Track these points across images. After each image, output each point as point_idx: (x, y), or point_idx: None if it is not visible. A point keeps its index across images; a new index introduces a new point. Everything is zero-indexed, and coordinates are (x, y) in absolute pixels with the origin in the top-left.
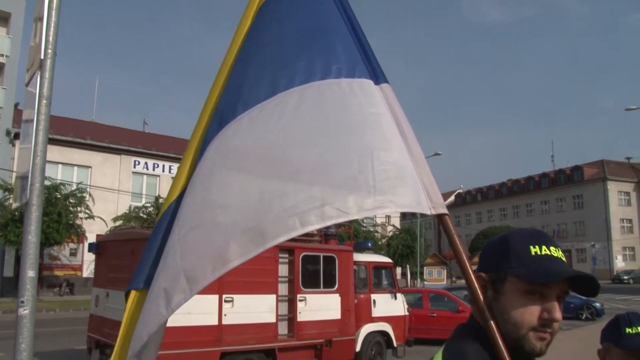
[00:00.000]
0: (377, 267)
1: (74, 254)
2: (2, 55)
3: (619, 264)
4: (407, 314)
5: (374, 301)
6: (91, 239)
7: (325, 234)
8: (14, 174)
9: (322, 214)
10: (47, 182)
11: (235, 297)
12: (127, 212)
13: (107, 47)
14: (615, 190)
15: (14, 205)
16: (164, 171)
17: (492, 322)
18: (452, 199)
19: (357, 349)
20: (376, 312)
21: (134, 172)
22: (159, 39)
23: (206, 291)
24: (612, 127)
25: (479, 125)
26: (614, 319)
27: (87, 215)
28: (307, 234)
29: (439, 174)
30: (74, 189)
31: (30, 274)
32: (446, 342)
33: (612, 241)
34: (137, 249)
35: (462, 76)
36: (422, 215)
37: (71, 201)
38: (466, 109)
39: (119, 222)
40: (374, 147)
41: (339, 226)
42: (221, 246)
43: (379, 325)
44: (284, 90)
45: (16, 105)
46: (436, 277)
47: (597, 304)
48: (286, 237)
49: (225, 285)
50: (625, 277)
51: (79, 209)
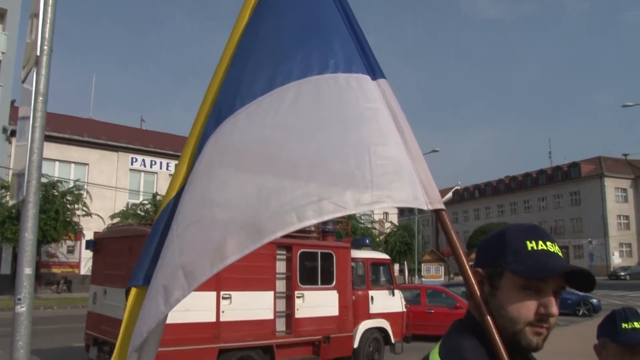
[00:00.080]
0: (375, 264)
1: (71, 251)
2: None
3: (616, 260)
4: (404, 310)
5: (372, 298)
6: (89, 236)
7: (322, 231)
8: (11, 172)
9: (319, 208)
10: (44, 180)
11: (232, 293)
12: (124, 209)
13: (104, 44)
14: (612, 186)
15: (11, 202)
16: (161, 168)
17: (488, 317)
18: (449, 195)
19: (355, 345)
20: (374, 308)
21: (131, 170)
22: (157, 36)
23: (204, 288)
24: (609, 124)
25: (477, 122)
26: (610, 314)
27: (84, 212)
28: (304, 231)
29: (436, 171)
30: (71, 186)
31: (27, 271)
32: (443, 337)
33: (609, 237)
34: (135, 246)
35: (460, 73)
36: (420, 211)
37: (68, 198)
38: (464, 106)
39: (116, 220)
40: (371, 142)
41: (336, 223)
42: (219, 242)
43: (377, 321)
44: (281, 85)
45: (12, 102)
46: (434, 274)
47: (594, 300)
48: (283, 232)
49: (222, 282)
50: (622, 274)
51: (76, 206)
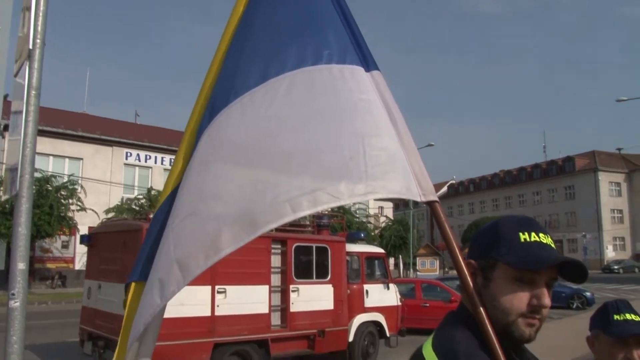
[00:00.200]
0: (370, 258)
1: (65, 246)
2: None
3: (610, 254)
4: (399, 304)
5: (367, 291)
6: (83, 231)
7: (317, 225)
8: (4, 166)
9: (313, 199)
10: (38, 174)
11: (227, 288)
12: (119, 204)
13: (98, 38)
14: (606, 180)
15: (4, 197)
16: (156, 163)
17: (481, 308)
18: (444, 189)
19: (350, 339)
20: (369, 302)
21: (125, 164)
22: (151, 29)
23: (199, 282)
24: (603, 118)
25: (472, 116)
26: (602, 306)
27: (79, 207)
28: (299, 225)
29: (431, 165)
30: (65, 181)
31: (20, 266)
32: (436, 329)
33: (602, 231)
34: (129, 241)
35: (455, 68)
36: (415, 205)
37: (63, 193)
38: (459, 100)
39: (111, 214)
40: (365, 133)
41: (331, 217)
42: (213, 235)
43: (372, 315)
44: (275, 76)
45: (5, 96)
46: (429, 268)
47: (588, 294)
48: (277, 223)
49: (217, 276)
50: (615, 267)
51: (70, 201)
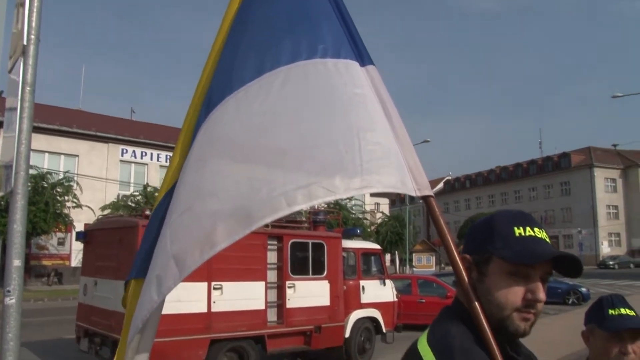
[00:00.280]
0: (366, 254)
1: (61, 243)
2: None
3: (605, 249)
4: (396, 300)
5: (363, 287)
6: (79, 228)
7: (313, 221)
8: None
9: (308, 193)
10: (33, 171)
11: (224, 284)
12: (115, 200)
13: (93, 34)
14: (601, 177)
15: None
16: (152, 159)
17: (476, 303)
18: (440, 185)
19: (347, 335)
20: (365, 298)
21: (121, 161)
22: (147, 25)
23: (195, 279)
24: (599, 115)
25: (468, 112)
26: (597, 300)
27: (74, 204)
28: (295, 221)
29: (427, 161)
30: (61, 177)
31: (16, 263)
32: (431, 324)
33: (598, 227)
34: (125, 238)
35: (451, 64)
36: (411, 201)
37: (58, 190)
38: (455, 96)
39: (107, 211)
40: (360, 127)
41: (327, 213)
42: (209, 229)
43: (368, 311)
44: (270, 70)
45: (0, 93)
46: (425, 264)
47: (583, 289)
48: (273, 217)
49: (214, 272)
50: (610, 263)
51: (66, 198)
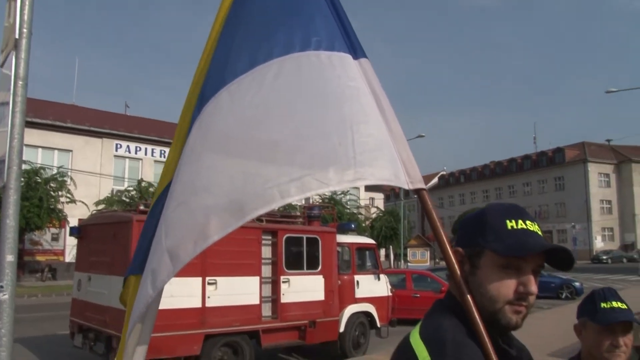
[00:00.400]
0: (361, 249)
1: (55, 239)
2: None
3: (598, 244)
4: (390, 294)
5: (358, 282)
6: (73, 223)
7: (308, 216)
8: None
9: (302, 185)
10: (27, 166)
11: (218, 279)
12: (109, 196)
13: (87, 27)
14: (595, 172)
15: None
16: (146, 154)
17: (468, 296)
18: (435, 180)
19: (341, 329)
20: (360, 293)
21: (115, 156)
22: (141, 19)
23: (189, 274)
24: (593, 110)
25: (463, 107)
26: (589, 294)
27: (68, 199)
28: (290, 216)
29: (422, 156)
30: (54, 173)
31: (9, 258)
32: (424, 317)
33: (591, 222)
34: (119, 233)
35: (446, 59)
36: (406, 196)
37: (52, 185)
38: (450, 92)
39: (101, 206)
40: (354, 120)
41: (322, 208)
42: (202, 222)
43: (363, 306)
44: (263, 62)
45: None
46: (419, 259)
47: (577, 284)
48: (266, 209)
49: (208, 267)
50: (604, 257)
51: (60, 193)
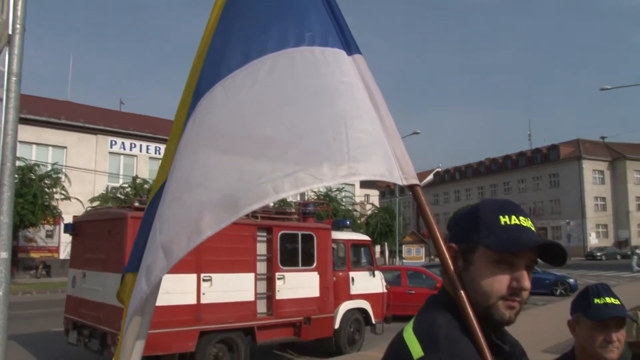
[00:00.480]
0: (356, 245)
1: (50, 235)
2: None
3: (593, 241)
4: (385, 291)
5: (353, 279)
6: (67, 220)
7: (303, 212)
8: None
9: (295, 180)
10: (21, 163)
11: (213, 276)
12: (104, 192)
13: (81, 24)
14: (590, 169)
15: None
16: (141, 151)
17: (462, 291)
18: (430, 177)
19: (336, 326)
20: (355, 289)
21: (110, 153)
22: (136, 15)
23: (184, 270)
24: (588, 107)
25: (458, 104)
26: (583, 290)
27: (63, 196)
28: (285, 212)
29: (417, 153)
30: (49, 169)
31: (2, 255)
32: (417, 313)
33: (586, 219)
34: (114, 229)
35: (441, 56)
36: (401, 193)
37: (46, 182)
38: (445, 88)
39: (96, 203)
40: (347, 115)
41: (317, 204)
42: (196, 218)
43: (358, 302)
44: (257, 58)
45: None
46: (415, 255)
47: (571, 280)
48: (260, 204)
49: (203, 264)
50: (598, 254)
51: (54, 190)
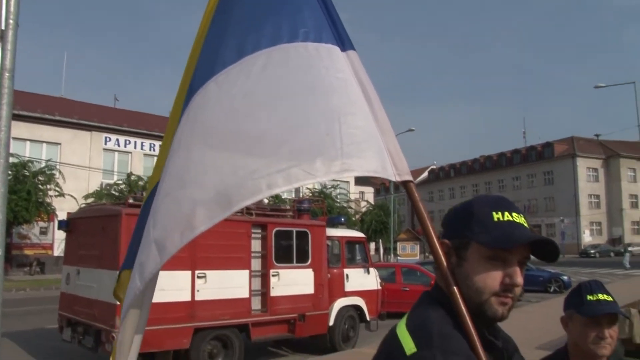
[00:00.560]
0: (350, 242)
1: (44, 232)
2: None
3: (587, 238)
4: (379, 288)
5: (347, 276)
6: (62, 217)
7: (298, 209)
8: None
9: (288, 176)
10: (14, 160)
11: (207, 272)
12: (98, 189)
13: (76, 20)
14: (584, 166)
15: None
16: (135, 148)
17: (455, 287)
18: (425, 175)
19: (331, 323)
20: (349, 286)
21: (105, 149)
22: (130, 11)
23: (178, 267)
24: (582, 105)
25: (453, 102)
26: (576, 287)
27: (57, 193)
28: (280, 209)
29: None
30: (43, 166)
31: None
32: (410, 309)
33: (580, 216)
34: (108, 226)
35: (436, 53)
36: (396, 190)
37: (40, 179)
38: (440, 86)
39: (90, 200)
40: (341, 111)
41: (312, 201)
42: (189, 213)
43: (352, 299)
44: (251, 53)
45: None
46: (409, 252)
47: (565, 277)
48: (253, 199)
49: (197, 261)
50: (592, 252)
51: (48, 186)
